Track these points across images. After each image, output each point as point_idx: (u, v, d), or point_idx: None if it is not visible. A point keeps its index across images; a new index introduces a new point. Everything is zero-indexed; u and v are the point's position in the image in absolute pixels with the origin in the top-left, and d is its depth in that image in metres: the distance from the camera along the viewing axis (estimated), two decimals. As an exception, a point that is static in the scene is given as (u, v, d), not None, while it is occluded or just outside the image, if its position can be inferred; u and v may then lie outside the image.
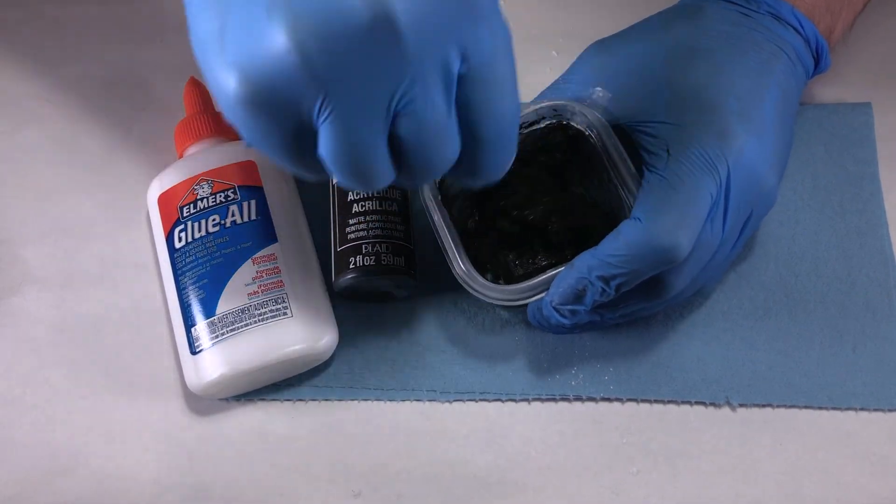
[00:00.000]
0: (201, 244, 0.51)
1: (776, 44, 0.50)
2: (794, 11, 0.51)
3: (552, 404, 0.51)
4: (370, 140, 0.36)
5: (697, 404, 0.51)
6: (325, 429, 0.51)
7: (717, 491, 0.49)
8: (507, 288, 0.48)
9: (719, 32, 0.50)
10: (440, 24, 0.35)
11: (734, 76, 0.48)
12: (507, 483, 0.50)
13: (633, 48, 0.50)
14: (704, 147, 0.46)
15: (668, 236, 0.45)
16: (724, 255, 0.48)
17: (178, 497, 0.50)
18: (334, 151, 0.36)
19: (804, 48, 0.51)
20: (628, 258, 0.45)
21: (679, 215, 0.45)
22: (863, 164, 0.56)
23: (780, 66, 0.50)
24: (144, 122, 0.60)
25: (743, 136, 0.46)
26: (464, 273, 0.48)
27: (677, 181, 0.45)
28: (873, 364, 0.51)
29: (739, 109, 0.47)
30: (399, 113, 0.36)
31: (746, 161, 0.46)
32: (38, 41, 0.64)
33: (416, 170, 0.38)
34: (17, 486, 0.50)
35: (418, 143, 0.37)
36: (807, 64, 0.51)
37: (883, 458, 0.49)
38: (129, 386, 0.53)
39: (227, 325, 0.49)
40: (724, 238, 0.47)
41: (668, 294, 0.47)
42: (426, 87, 0.36)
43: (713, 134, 0.46)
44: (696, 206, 0.45)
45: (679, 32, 0.50)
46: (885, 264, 0.53)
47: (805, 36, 0.51)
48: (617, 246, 0.45)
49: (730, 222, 0.47)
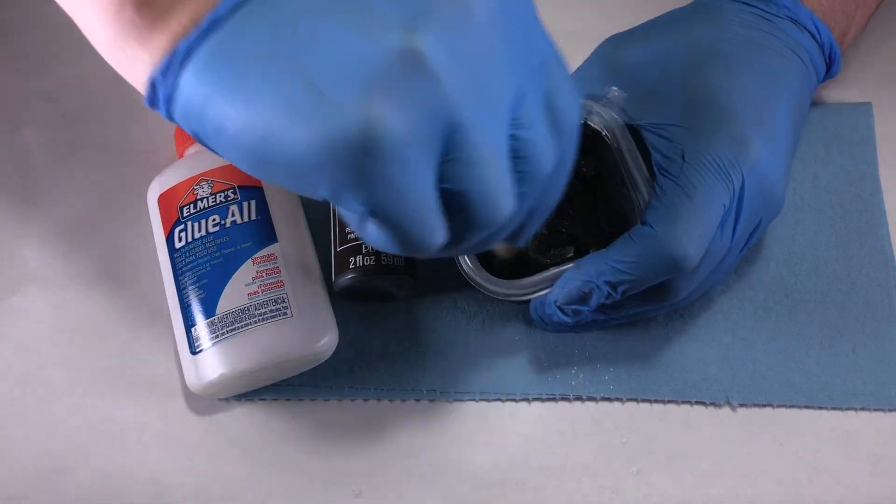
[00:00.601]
0: (201, 244, 0.51)
1: (792, 49, 0.49)
2: (813, 17, 0.50)
3: (552, 404, 0.51)
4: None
5: (698, 404, 0.51)
6: (325, 429, 0.51)
7: (717, 491, 0.49)
8: (511, 283, 0.47)
9: (738, 36, 0.49)
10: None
11: (751, 82, 0.48)
12: (507, 483, 0.50)
13: (649, 47, 0.50)
14: (719, 155, 0.45)
15: (679, 246, 0.44)
16: (732, 260, 0.48)
17: (178, 497, 0.50)
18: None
19: (818, 54, 0.51)
20: (638, 265, 0.45)
21: (691, 225, 0.45)
22: (863, 165, 0.56)
23: (795, 71, 0.49)
24: (144, 122, 0.60)
25: (758, 145, 0.46)
26: (469, 268, 0.48)
27: (691, 189, 0.45)
28: (873, 364, 0.51)
29: (755, 117, 0.47)
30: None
31: (760, 170, 0.46)
32: (38, 41, 0.64)
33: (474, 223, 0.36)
34: (17, 486, 0.50)
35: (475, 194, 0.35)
36: (819, 69, 0.51)
37: (883, 458, 0.49)
38: (129, 386, 0.53)
39: (227, 325, 0.49)
40: (734, 244, 0.47)
41: (674, 299, 0.48)
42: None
43: (729, 142, 0.46)
44: (708, 215, 0.45)
45: (697, 33, 0.49)
46: (885, 264, 0.53)
47: (820, 41, 0.51)
48: (627, 252, 0.45)
49: (740, 230, 0.47)
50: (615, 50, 0.51)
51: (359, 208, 0.34)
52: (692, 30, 0.50)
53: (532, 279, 0.48)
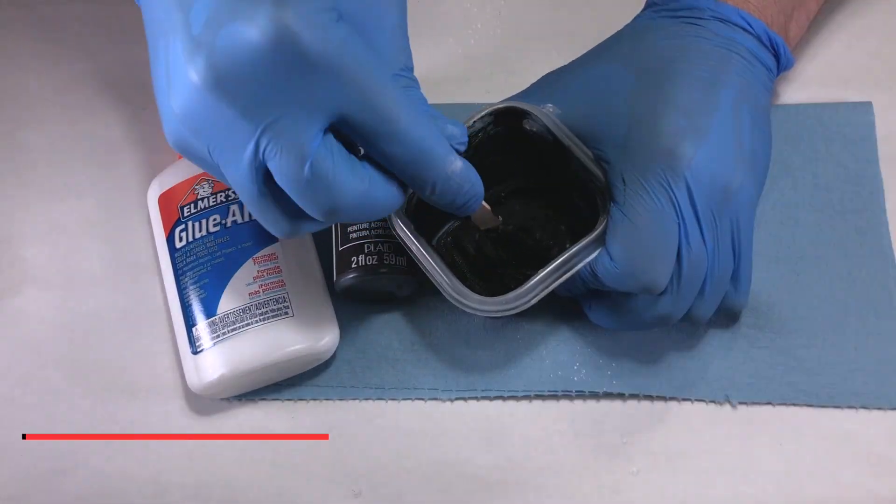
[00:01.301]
0: (202, 244, 0.51)
1: (725, 47, 0.50)
2: (739, 12, 0.50)
3: (552, 403, 0.51)
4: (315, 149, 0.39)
5: (698, 402, 0.51)
6: (325, 429, 0.51)
7: (717, 491, 0.49)
8: (499, 299, 0.46)
9: (665, 48, 0.49)
10: None
11: (681, 91, 0.48)
12: (507, 483, 0.50)
13: (583, 75, 0.50)
14: (655, 172, 0.46)
15: (641, 276, 0.45)
16: (726, 262, 0.48)
17: (179, 497, 0.50)
18: (285, 172, 0.39)
19: (758, 46, 0.51)
20: (613, 286, 0.46)
21: (647, 255, 0.45)
22: (863, 164, 0.56)
23: (733, 67, 0.49)
24: (144, 122, 0.60)
25: (692, 149, 0.46)
26: (456, 294, 0.46)
27: (636, 216, 0.45)
28: (874, 363, 0.51)
29: (687, 124, 0.47)
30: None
31: (703, 170, 0.46)
32: (38, 41, 0.64)
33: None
34: (17, 486, 0.50)
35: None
36: (766, 61, 0.51)
37: (883, 457, 0.49)
38: (129, 386, 0.53)
39: (228, 324, 0.49)
40: (718, 248, 0.47)
41: (692, 320, 0.49)
42: None
43: (661, 155, 0.46)
44: (661, 239, 0.45)
45: (627, 56, 0.50)
46: (886, 263, 0.53)
47: (756, 34, 0.51)
48: (598, 281, 0.47)
49: (709, 234, 0.46)
50: (551, 81, 0.51)
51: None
52: (622, 53, 0.50)
53: (519, 290, 0.46)
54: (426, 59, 0.62)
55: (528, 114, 0.49)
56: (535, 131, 0.49)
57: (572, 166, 0.48)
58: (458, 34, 0.63)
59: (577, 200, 0.50)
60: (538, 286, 0.46)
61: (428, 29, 0.63)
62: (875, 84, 0.59)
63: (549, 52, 0.61)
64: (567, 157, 0.48)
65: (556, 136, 0.48)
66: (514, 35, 0.63)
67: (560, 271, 0.46)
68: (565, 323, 0.52)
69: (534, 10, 0.64)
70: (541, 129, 0.49)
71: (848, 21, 0.61)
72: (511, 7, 0.64)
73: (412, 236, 0.47)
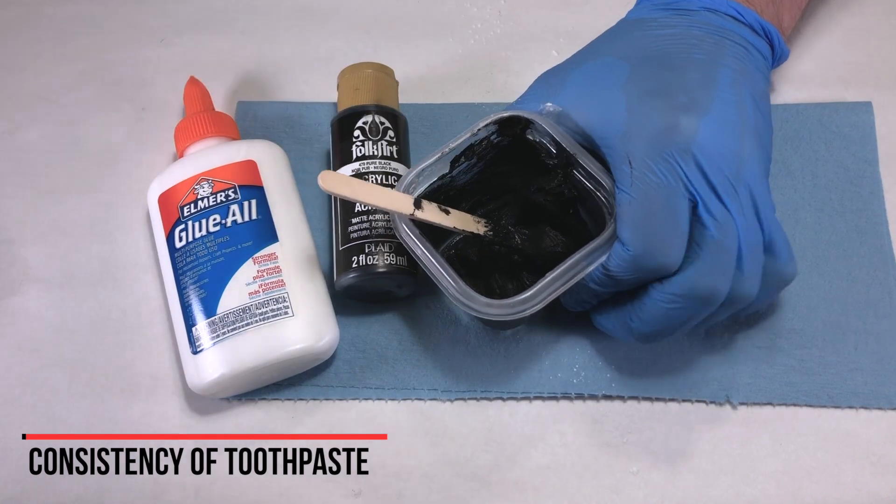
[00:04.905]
0: (202, 244, 0.51)
1: (718, 35, 0.50)
2: (729, 2, 0.51)
3: (552, 404, 0.51)
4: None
5: (698, 402, 0.51)
6: (326, 429, 0.51)
7: (717, 491, 0.49)
8: (506, 302, 0.46)
9: (658, 37, 0.50)
10: None
11: (678, 73, 0.48)
12: (507, 483, 0.50)
13: (578, 71, 0.50)
14: (660, 150, 0.46)
15: (655, 254, 0.45)
16: (755, 230, 0.46)
17: (179, 497, 0.50)
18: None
19: (751, 34, 0.51)
20: (627, 277, 0.46)
21: (657, 232, 0.45)
22: (863, 163, 0.56)
23: (728, 51, 0.49)
24: (144, 122, 0.60)
25: (695, 122, 0.46)
26: (463, 296, 0.46)
27: (642, 195, 0.45)
28: (874, 362, 0.51)
29: (687, 100, 0.47)
30: None
31: (710, 142, 0.46)
32: (38, 41, 0.64)
33: None
34: (17, 486, 0.50)
35: None
36: (761, 48, 0.51)
37: (883, 457, 0.49)
38: (129, 386, 0.53)
39: (228, 324, 0.49)
40: (744, 215, 0.46)
41: (738, 302, 0.47)
42: None
43: (666, 132, 0.46)
44: (670, 214, 0.45)
45: (619, 48, 0.50)
46: (886, 262, 0.53)
47: (748, 23, 0.51)
48: (608, 275, 0.46)
49: (732, 203, 0.46)
50: (548, 78, 0.51)
51: None
52: (615, 46, 0.51)
53: (526, 294, 0.45)
54: (426, 59, 0.62)
55: (531, 123, 0.49)
56: (538, 141, 0.49)
57: (577, 175, 0.48)
58: (458, 34, 0.63)
59: (581, 211, 0.50)
60: (545, 290, 0.46)
61: (428, 29, 0.63)
62: (875, 84, 0.59)
63: (549, 52, 0.61)
64: (572, 166, 0.48)
65: (562, 144, 0.48)
66: (514, 35, 0.63)
67: (567, 275, 0.46)
68: (565, 325, 0.52)
69: (534, 10, 0.64)
70: (545, 138, 0.49)
71: (848, 21, 0.61)
72: (511, 7, 0.64)
73: (417, 241, 0.47)
